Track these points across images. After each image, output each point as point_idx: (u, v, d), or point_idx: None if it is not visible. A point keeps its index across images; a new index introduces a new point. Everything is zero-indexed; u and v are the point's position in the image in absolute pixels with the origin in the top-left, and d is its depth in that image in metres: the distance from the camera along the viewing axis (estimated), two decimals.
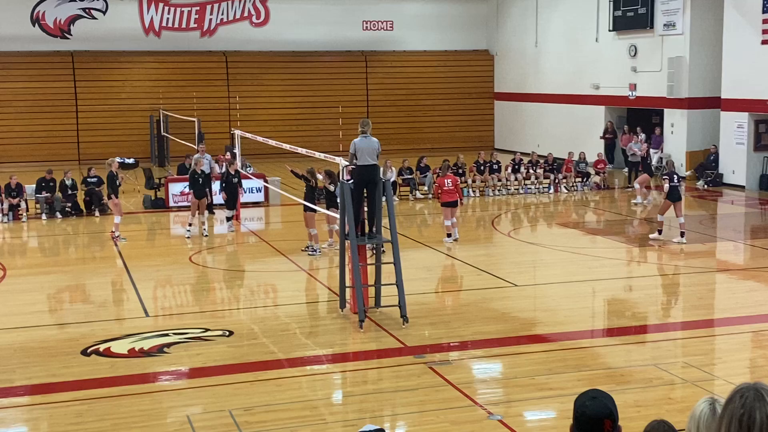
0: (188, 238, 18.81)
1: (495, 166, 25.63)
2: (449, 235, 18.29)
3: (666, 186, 17.51)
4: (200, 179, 19.22)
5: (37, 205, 22.08)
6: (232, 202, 19.89)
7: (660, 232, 17.85)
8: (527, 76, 35.19)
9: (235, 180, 19.83)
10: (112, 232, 18.77)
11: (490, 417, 8.85)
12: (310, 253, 17.05)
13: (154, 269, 16.19)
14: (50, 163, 26.33)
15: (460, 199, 18.94)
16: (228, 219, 19.91)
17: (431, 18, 36.49)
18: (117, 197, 18.93)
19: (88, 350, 11.18)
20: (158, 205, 23.17)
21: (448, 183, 18.29)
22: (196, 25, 34.45)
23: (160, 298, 14.43)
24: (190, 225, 19.04)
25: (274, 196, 23.46)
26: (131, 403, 9.40)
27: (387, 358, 10.92)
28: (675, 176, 17.70)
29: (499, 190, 25.34)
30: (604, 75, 30.55)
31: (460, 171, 25.15)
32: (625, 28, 29.33)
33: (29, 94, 32.31)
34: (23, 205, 21.74)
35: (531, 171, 25.86)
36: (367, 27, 36.05)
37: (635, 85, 29.11)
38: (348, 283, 12.63)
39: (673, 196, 17.50)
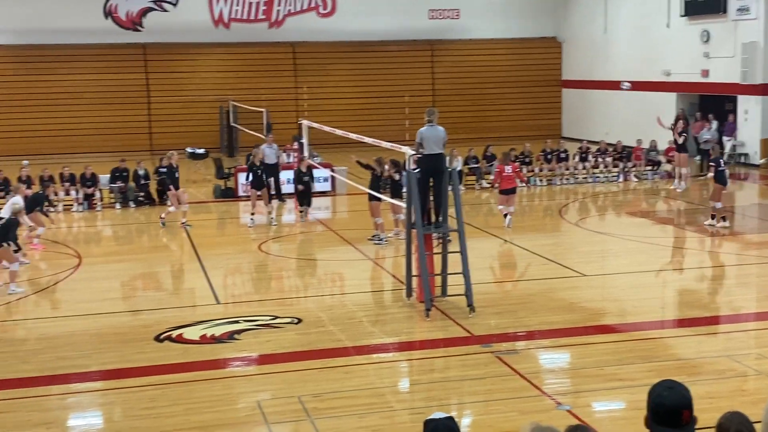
0: (250, 227, 19.05)
1: (562, 155, 25.36)
2: (506, 216, 18.67)
3: (711, 173, 18.06)
4: (258, 171, 19.26)
5: (111, 195, 22.64)
6: (304, 198, 19.91)
7: (724, 218, 17.72)
8: (596, 63, 34.66)
9: (306, 178, 19.89)
10: (182, 222, 19.16)
11: (559, 407, 8.80)
12: (376, 242, 17.13)
13: (224, 257, 16.46)
14: (123, 154, 26.91)
15: (527, 185, 19.19)
16: (302, 215, 20.01)
17: (498, 6, 36.17)
18: (177, 188, 19.29)
19: (161, 336, 11.45)
20: (228, 194, 23.53)
21: (507, 170, 18.57)
22: (264, 17, 34.80)
23: (230, 286, 14.67)
24: (252, 215, 19.25)
25: (341, 186, 23.61)
26: (203, 389, 9.60)
27: (454, 347, 10.93)
28: (720, 161, 18.17)
29: (566, 179, 25.06)
30: (675, 61, 29.89)
31: (527, 160, 24.97)
32: (697, 13, 28.64)
33: (103, 86, 33.09)
34: (98, 194, 22.33)
35: (599, 159, 25.50)
36: (433, 16, 35.91)
37: (707, 71, 28.43)
38: (414, 272, 12.66)
39: (721, 180, 17.82)
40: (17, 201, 15.64)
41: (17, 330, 12.32)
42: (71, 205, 22.00)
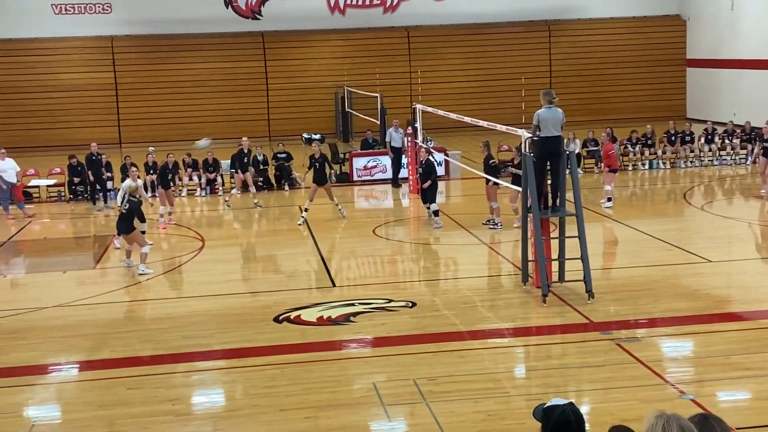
0: (300, 225, 18.01)
1: (687, 137, 24.48)
2: (609, 200, 18.79)
3: None
4: (317, 164, 18.47)
5: (232, 180, 23.25)
6: (428, 193, 17.73)
7: None
8: (722, 41, 33.23)
9: (420, 170, 18.56)
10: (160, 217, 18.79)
11: (682, 396, 8.52)
12: (492, 226, 16.98)
13: (339, 241, 16.67)
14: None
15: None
16: (434, 214, 17.58)
17: None
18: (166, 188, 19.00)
19: (280, 317, 11.69)
20: (343, 179, 23.80)
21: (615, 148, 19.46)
22: (378, 2, 34.93)
23: (345, 269, 14.84)
24: (305, 210, 18.36)
25: (455, 170, 23.51)
26: (320, 369, 9.75)
27: (571, 333, 10.73)
28: None
29: (691, 162, 24.21)
30: None
31: (649, 142, 24.25)
32: None
33: (223, 74, 34.00)
34: (219, 179, 22.98)
35: (726, 141, 24.49)
36: None
37: None
38: (531, 257, 12.48)
39: None
40: (129, 184, 16.10)
41: (146, 309, 12.82)
42: (194, 190, 22.75)
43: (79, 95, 33.36)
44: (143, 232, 15.62)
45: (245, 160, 21.39)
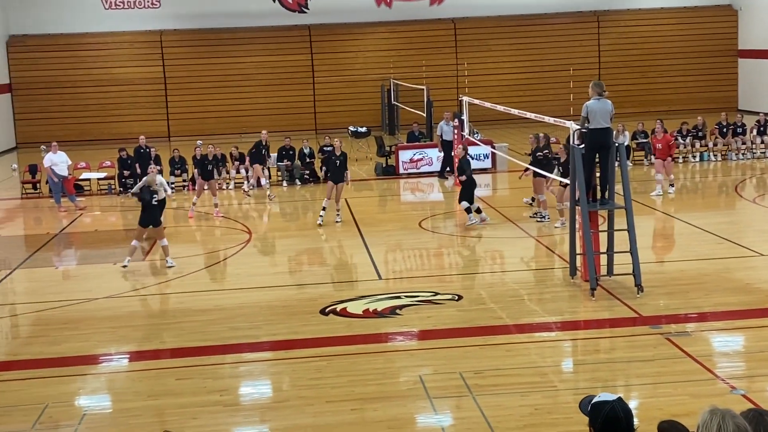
0: (320, 225, 17.50)
1: (739, 129, 24.01)
2: (672, 185, 19.16)
3: None
4: (337, 162, 17.74)
5: (279, 173, 23.40)
6: (465, 193, 16.94)
7: None
8: None
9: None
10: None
11: (733, 391, 8.38)
12: (539, 219, 16.85)
13: (385, 234, 16.68)
14: (289, 133, 27.71)
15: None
16: (477, 212, 16.89)
17: None
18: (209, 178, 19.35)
19: (326, 310, 11.74)
20: (389, 172, 23.79)
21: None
22: None
23: (391, 262, 14.84)
24: (323, 209, 17.66)
25: (501, 162, 23.36)
26: (367, 361, 9.78)
27: (620, 327, 10.61)
28: None
29: (743, 154, 23.75)
30: None
31: (700, 134, 23.85)
32: None
33: (270, 68, 34.20)
34: (266, 172, 23.11)
35: None
36: None
37: None
38: (578, 250, 12.36)
39: None
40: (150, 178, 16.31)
41: (195, 301, 12.96)
42: (242, 182, 22.93)
43: (129, 89, 33.82)
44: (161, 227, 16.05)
45: (262, 152, 21.74)
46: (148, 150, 22.60)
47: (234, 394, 9.18)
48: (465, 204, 16.72)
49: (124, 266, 14.39)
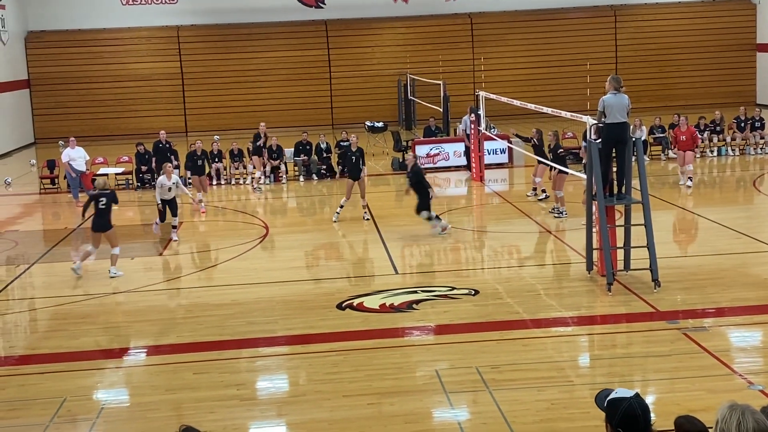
0: (335, 221, 17.42)
1: (757, 123, 23.85)
2: (690, 179, 19.25)
3: None
4: (353, 158, 17.47)
5: (296, 168, 23.44)
6: (422, 203, 16.12)
7: None
8: None
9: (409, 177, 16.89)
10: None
11: (751, 387, 8.34)
12: (556, 215, 16.81)
13: (402, 228, 16.67)
14: (306, 128, 27.78)
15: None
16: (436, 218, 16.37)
17: None
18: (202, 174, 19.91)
19: (343, 304, 11.77)
20: (405, 167, 23.71)
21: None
22: None
23: (408, 257, 14.85)
24: (341, 207, 17.63)
25: (518, 157, 23.31)
26: (383, 356, 9.80)
27: (637, 322, 10.58)
28: None
29: (761, 149, 23.60)
30: None
31: (718, 128, 23.71)
32: None
33: (287, 63, 34.26)
34: (283, 167, 23.18)
35: None
36: None
37: None
38: (595, 245, 12.33)
39: None
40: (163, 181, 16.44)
41: (211, 295, 13.02)
42: (259, 177, 22.98)
43: (147, 85, 33.99)
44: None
45: (258, 145, 22.37)
46: (167, 145, 22.70)
47: (251, 389, 9.22)
48: (425, 213, 15.97)
49: (74, 269, 13.97)
